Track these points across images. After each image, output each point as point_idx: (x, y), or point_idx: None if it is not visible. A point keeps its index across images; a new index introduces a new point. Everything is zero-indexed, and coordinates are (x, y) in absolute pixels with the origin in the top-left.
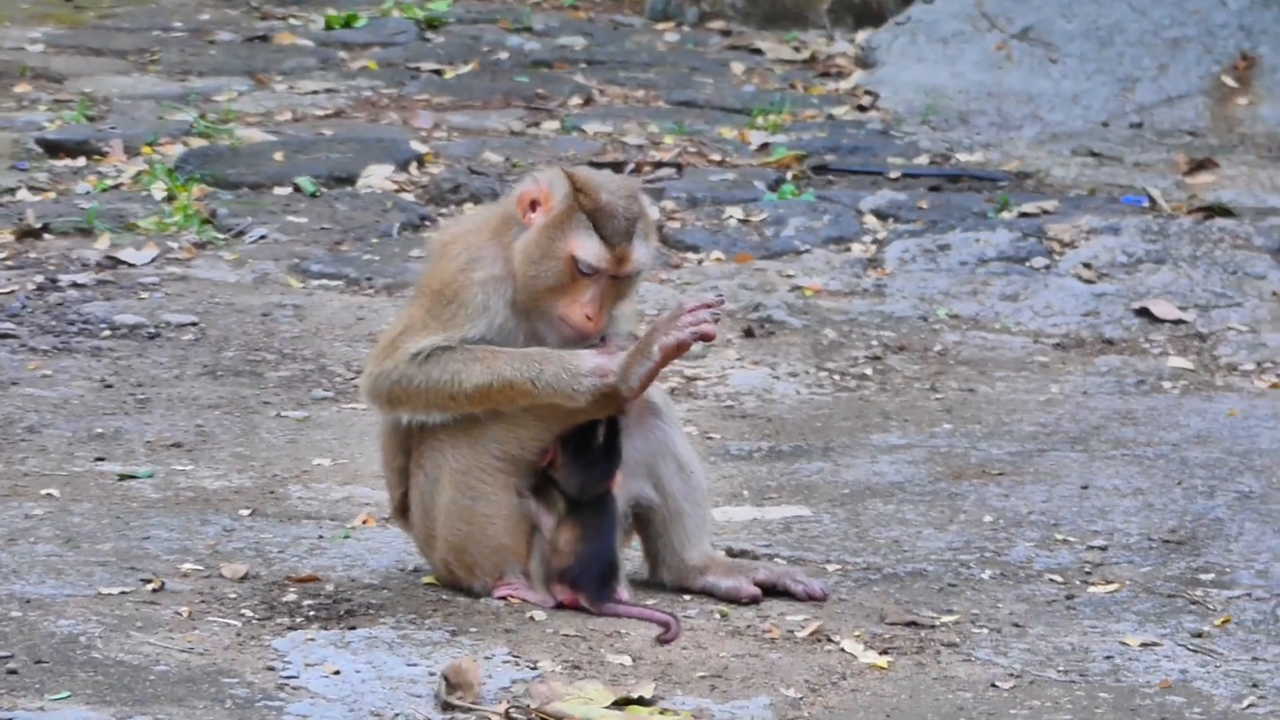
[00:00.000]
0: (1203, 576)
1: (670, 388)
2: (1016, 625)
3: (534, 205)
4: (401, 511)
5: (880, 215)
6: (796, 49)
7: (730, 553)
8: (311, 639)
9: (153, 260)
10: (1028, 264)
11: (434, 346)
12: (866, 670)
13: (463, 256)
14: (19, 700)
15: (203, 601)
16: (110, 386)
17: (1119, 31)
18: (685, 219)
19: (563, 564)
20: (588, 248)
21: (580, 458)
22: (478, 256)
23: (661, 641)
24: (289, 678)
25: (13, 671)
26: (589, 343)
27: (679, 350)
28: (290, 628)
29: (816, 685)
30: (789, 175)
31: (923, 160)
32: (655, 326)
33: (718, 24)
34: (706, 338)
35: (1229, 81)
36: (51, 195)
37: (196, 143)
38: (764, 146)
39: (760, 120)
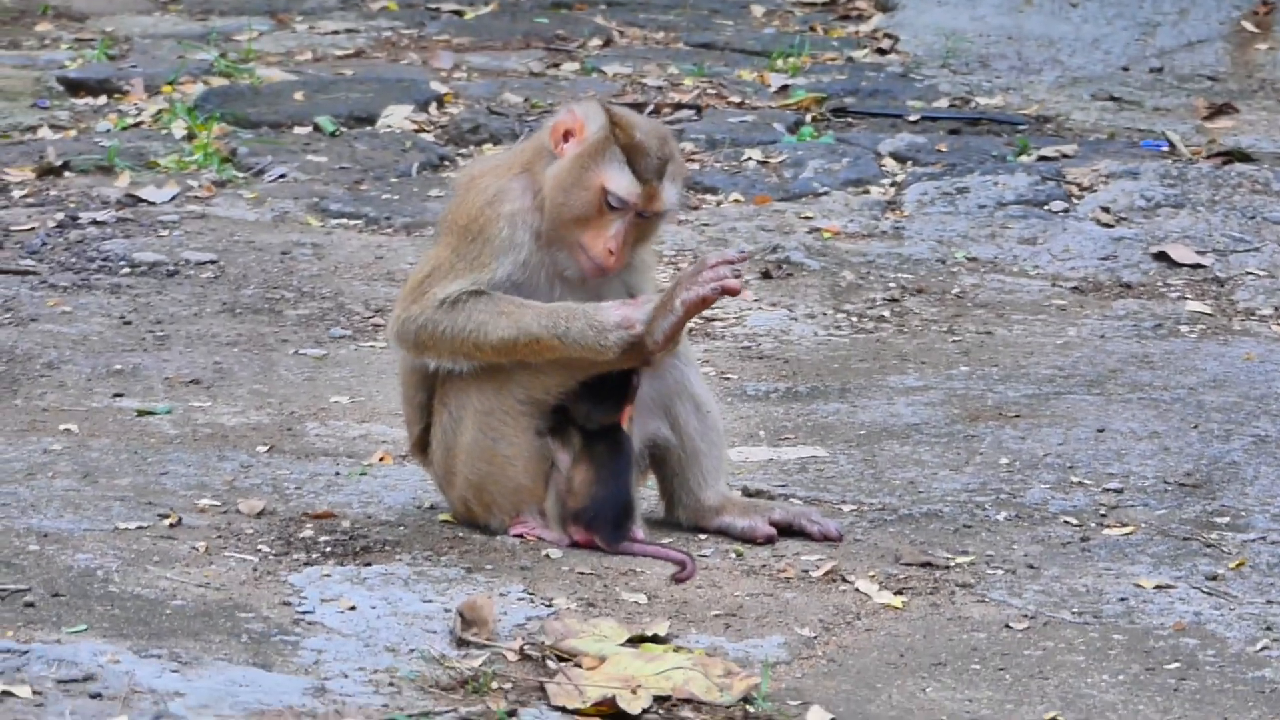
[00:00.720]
0: (1218, 520)
1: (688, 328)
2: (1031, 567)
3: (567, 135)
4: (420, 447)
5: (899, 158)
6: None
7: (746, 492)
8: (327, 575)
9: (173, 198)
10: (1046, 207)
11: (461, 291)
12: (881, 610)
13: (490, 189)
14: (36, 632)
15: (220, 537)
16: (129, 323)
17: None
18: (704, 160)
19: (578, 505)
20: (619, 181)
21: (593, 388)
22: (505, 189)
23: (676, 580)
24: (305, 613)
25: (30, 604)
26: (609, 284)
27: (702, 305)
28: (306, 563)
29: (831, 624)
30: (808, 118)
31: (942, 103)
32: (679, 281)
33: None
34: (730, 292)
35: (1249, 27)
36: (72, 133)
37: (217, 82)
38: (783, 89)
39: (780, 63)
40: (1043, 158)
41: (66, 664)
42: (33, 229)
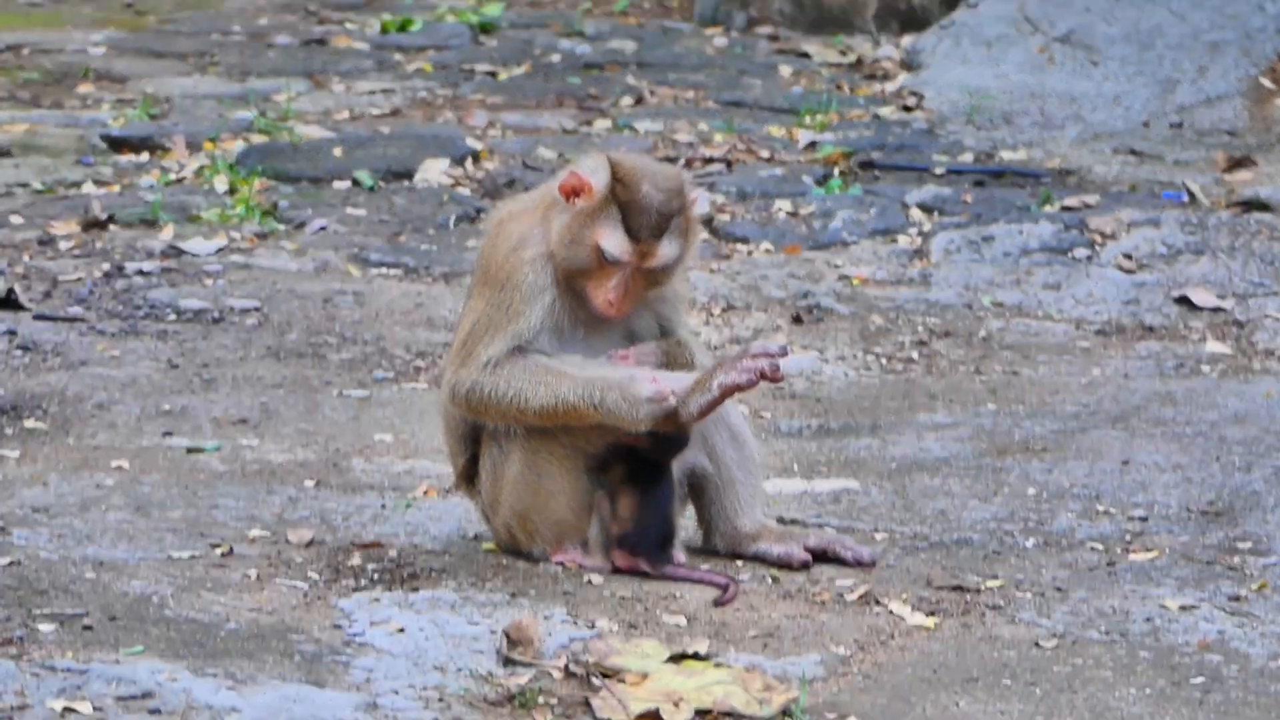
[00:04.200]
0: (1240, 545)
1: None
2: (1059, 589)
3: (577, 192)
4: (466, 478)
5: (926, 209)
6: (843, 53)
7: (781, 522)
8: (376, 599)
9: (216, 250)
10: (1070, 255)
11: (504, 350)
12: (914, 630)
13: (514, 236)
14: (94, 653)
15: (270, 565)
16: (176, 367)
17: (1159, 35)
18: (735, 212)
19: (622, 530)
20: (613, 240)
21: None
22: (526, 236)
23: (719, 604)
24: (355, 635)
25: (88, 628)
26: (641, 318)
27: (738, 390)
28: (355, 589)
29: (865, 644)
30: (836, 171)
31: (967, 158)
32: (720, 363)
33: (765, 29)
34: (770, 379)
35: (1267, 83)
36: (116, 188)
37: (257, 139)
38: (812, 145)
39: (808, 119)
40: (1066, 208)
41: (125, 682)
42: (80, 279)
